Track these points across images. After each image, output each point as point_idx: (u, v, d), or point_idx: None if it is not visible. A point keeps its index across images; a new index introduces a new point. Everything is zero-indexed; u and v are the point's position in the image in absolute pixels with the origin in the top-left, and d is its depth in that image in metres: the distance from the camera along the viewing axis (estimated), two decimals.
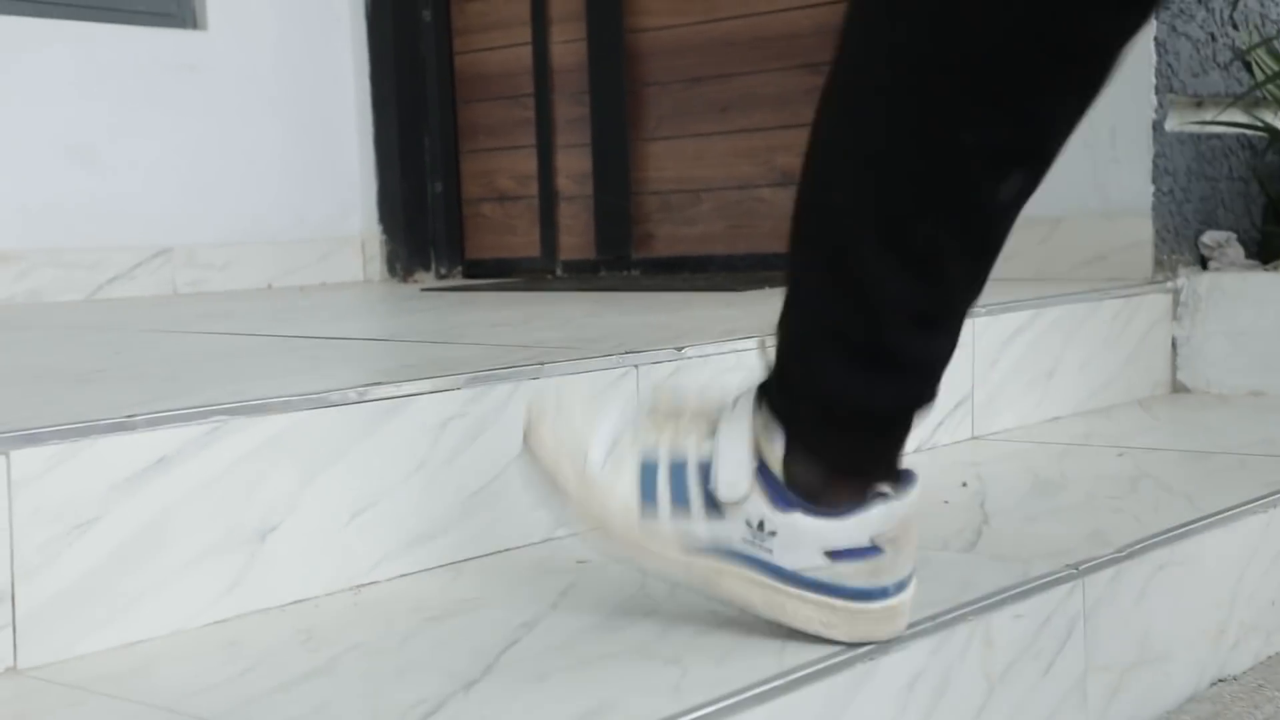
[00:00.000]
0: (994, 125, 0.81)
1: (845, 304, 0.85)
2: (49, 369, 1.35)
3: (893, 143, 0.82)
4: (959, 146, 0.81)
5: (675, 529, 0.91)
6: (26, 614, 0.91)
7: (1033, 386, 1.82)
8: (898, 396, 0.88)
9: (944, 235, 0.83)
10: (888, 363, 0.86)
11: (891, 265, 0.83)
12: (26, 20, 2.60)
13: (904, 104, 0.82)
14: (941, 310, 0.86)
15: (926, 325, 0.86)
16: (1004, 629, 1.00)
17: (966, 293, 0.87)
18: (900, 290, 0.84)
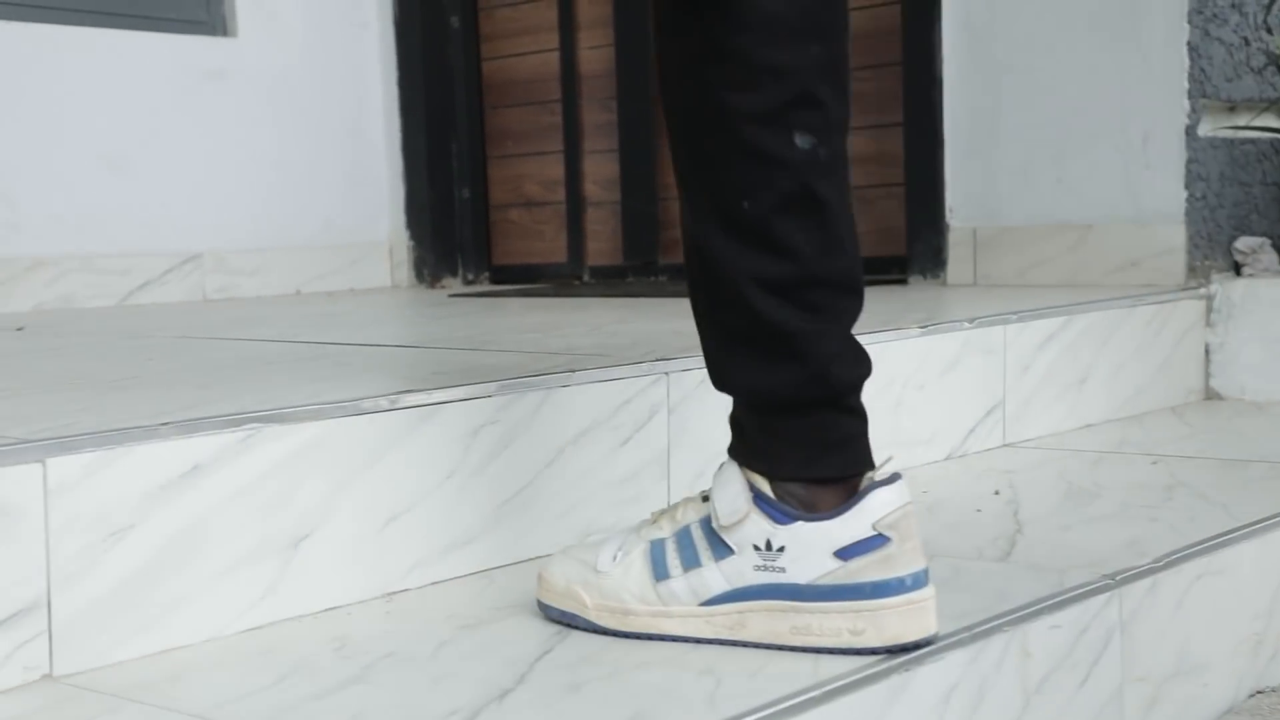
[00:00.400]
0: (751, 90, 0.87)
1: (726, 306, 0.90)
2: (83, 376, 1.35)
3: (690, 134, 0.89)
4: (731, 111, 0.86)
5: (690, 584, 0.93)
6: (62, 622, 0.91)
7: (1065, 394, 1.81)
8: (812, 374, 0.89)
9: (766, 203, 0.87)
10: (782, 345, 0.88)
11: (740, 248, 0.88)
12: (60, 29, 2.62)
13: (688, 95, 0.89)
14: (804, 279, 0.88)
15: (792, 296, 0.88)
16: (1040, 640, 0.99)
17: (825, 258, 0.88)
18: (756, 268, 0.87)
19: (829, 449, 0.90)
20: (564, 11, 3.00)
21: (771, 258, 0.87)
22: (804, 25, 0.86)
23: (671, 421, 1.33)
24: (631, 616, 0.95)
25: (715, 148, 0.88)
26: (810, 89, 0.87)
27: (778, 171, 0.87)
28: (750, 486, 0.91)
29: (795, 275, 0.88)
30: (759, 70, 0.85)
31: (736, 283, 0.88)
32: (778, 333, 0.88)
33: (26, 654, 0.90)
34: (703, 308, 0.93)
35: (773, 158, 0.86)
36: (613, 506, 1.27)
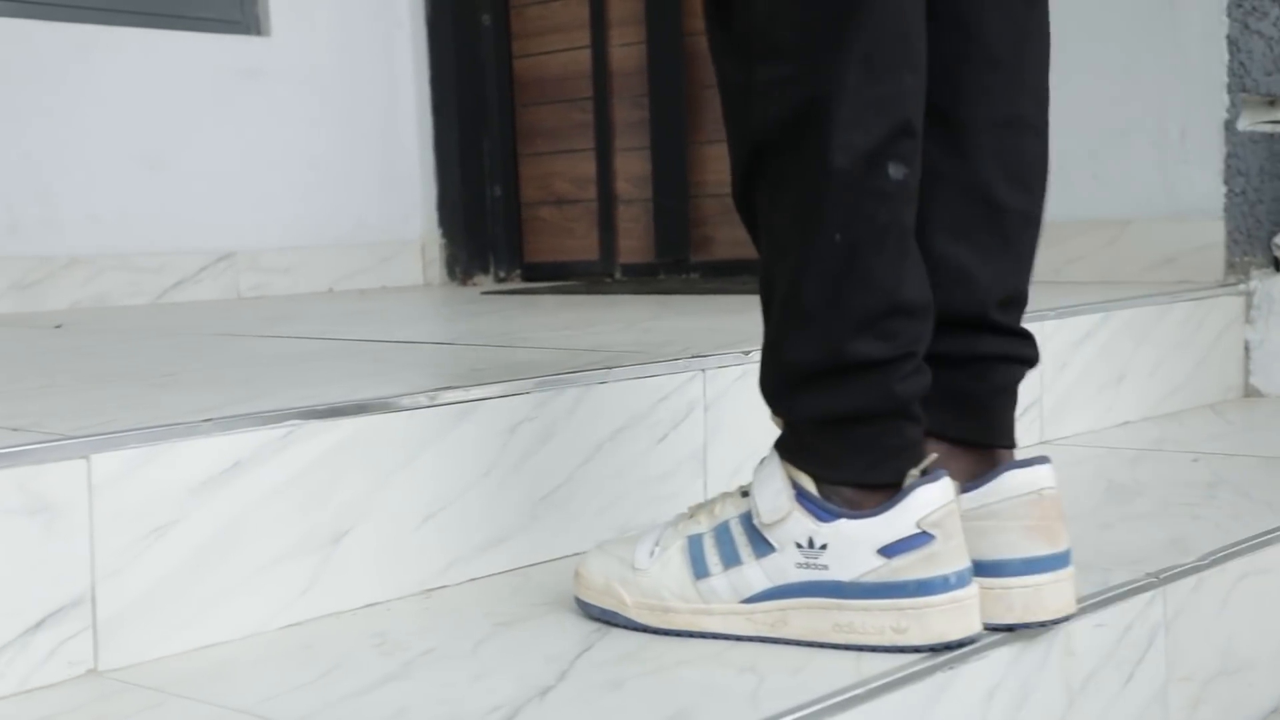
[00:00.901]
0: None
1: (805, 339, 0.88)
2: (123, 373, 1.36)
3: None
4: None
5: (730, 582, 0.93)
6: (107, 617, 0.92)
7: (1102, 391, 1.79)
8: (883, 394, 0.88)
9: (858, 235, 0.86)
10: (858, 375, 0.88)
11: (828, 282, 0.87)
12: (96, 28, 2.64)
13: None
14: (888, 309, 0.87)
15: (874, 327, 0.87)
16: (1084, 638, 0.98)
17: (905, 286, 0.88)
18: (842, 300, 0.87)
19: (889, 455, 0.89)
20: (595, 8, 2.99)
21: (859, 290, 0.86)
22: (900, 56, 0.86)
23: (708, 418, 1.32)
24: (672, 614, 0.95)
25: (813, 183, 0.86)
26: (909, 119, 0.86)
27: (874, 203, 0.86)
28: (793, 483, 0.91)
29: (880, 306, 0.87)
30: (867, 105, 0.84)
31: (819, 316, 0.87)
32: (857, 364, 0.87)
33: (72, 649, 0.90)
34: (775, 337, 0.91)
35: (871, 189, 0.85)
36: (650, 504, 1.27)
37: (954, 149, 0.95)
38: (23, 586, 0.88)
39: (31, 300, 2.55)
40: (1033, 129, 0.97)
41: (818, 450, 0.90)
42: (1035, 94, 0.98)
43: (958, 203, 0.95)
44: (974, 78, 0.95)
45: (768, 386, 0.93)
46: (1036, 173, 0.98)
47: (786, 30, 0.86)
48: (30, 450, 0.90)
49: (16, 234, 2.55)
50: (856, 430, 0.89)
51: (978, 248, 0.95)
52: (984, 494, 0.94)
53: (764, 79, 0.87)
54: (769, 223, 0.90)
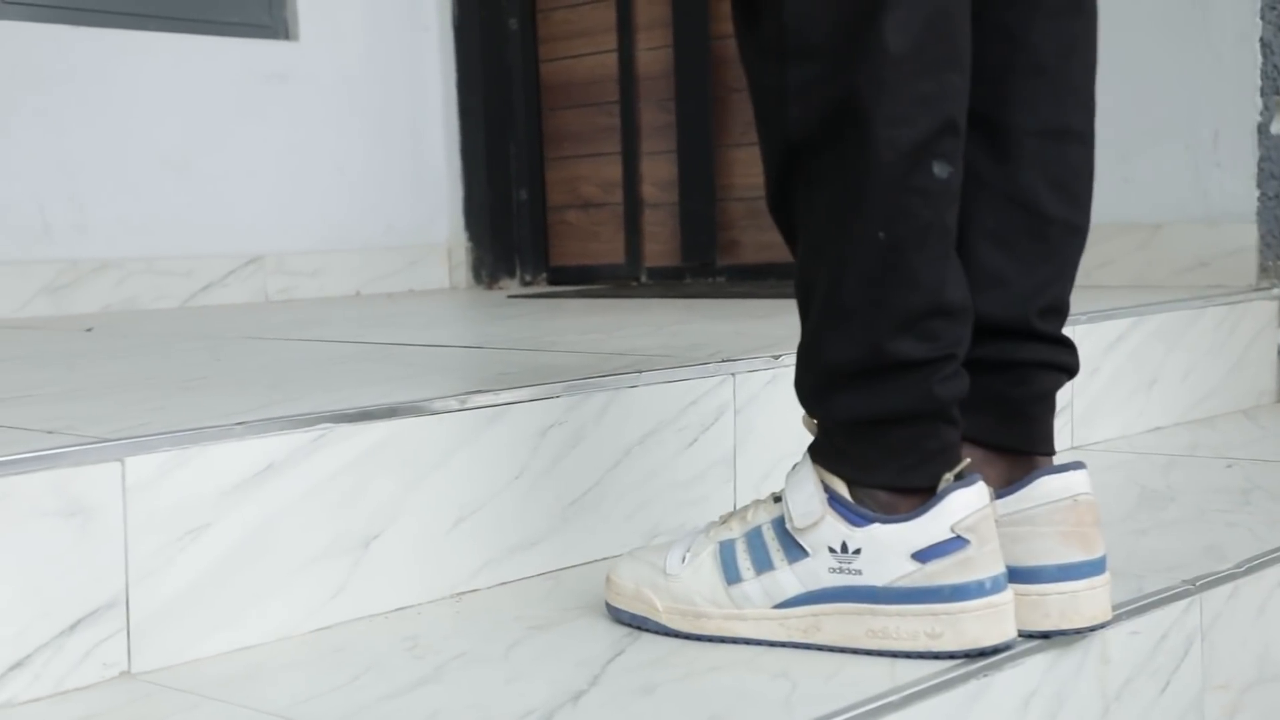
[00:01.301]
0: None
1: (843, 338, 0.88)
2: (154, 376, 1.37)
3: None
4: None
5: (763, 587, 0.92)
6: (140, 619, 0.92)
7: (1134, 396, 1.78)
8: (922, 395, 0.88)
9: (902, 234, 0.86)
10: (898, 375, 0.87)
11: (869, 280, 0.86)
12: (128, 33, 2.66)
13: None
14: (929, 310, 0.87)
15: (915, 327, 0.87)
16: (1120, 646, 0.97)
17: (947, 287, 0.88)
18: (884, 300, 0.86)
19: (925, 458, 0.88)
20: (622, 13, 3.00)
21: (901, 289, 0.86)
22: (945, 55, 0.85)
23: (738, 423, 1.32)
24: (704, 619, 0.95)
25: (854, 180, 0.85)
26: (954, 117, 0.86)
27: (917, 200, 0.85)
28: (825, 488, 0.90)
29: (922, 306, 0.86)
30: (911, 101, 0.84)
31: (859, 314, 0.86)
32: (897, 364, 0.86)
33: (105, 651, 0.91)
34: (814, 337, 0.90)
35: (914, 187, 0.85)
36: (679, 508, 1.27)
37: (999, 156, 0.95)
38: (58, 589, 0.89)
39: (63, 303, 2.57)
40: (1079, 138, 0.97)
41: (852, 453, 0.90)
42: (1082, 103, 0.97)
43: (1002, 210, 0.95)
44: (1021, 85, 0.94)
45: (804, 388, 0.92)
46: (1082, 182, 0.98)
47: (817, 29, 0.85)
48: (66, 453, 0.90)
49: (48, 237, 2.57)
50: (893, 432, 0.88)
51: (1021, 255, 0.95)
52: (1019, 499, 0.94)
53: (797, 78, 0.86)
54: (807, 223, 0.89)
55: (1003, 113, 0.95)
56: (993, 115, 0.94)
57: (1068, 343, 0.98)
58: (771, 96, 0.89)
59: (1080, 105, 0.97)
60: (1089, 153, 0.98)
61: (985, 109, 0.93)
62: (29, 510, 0.87)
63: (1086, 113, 0.98)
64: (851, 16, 0.84)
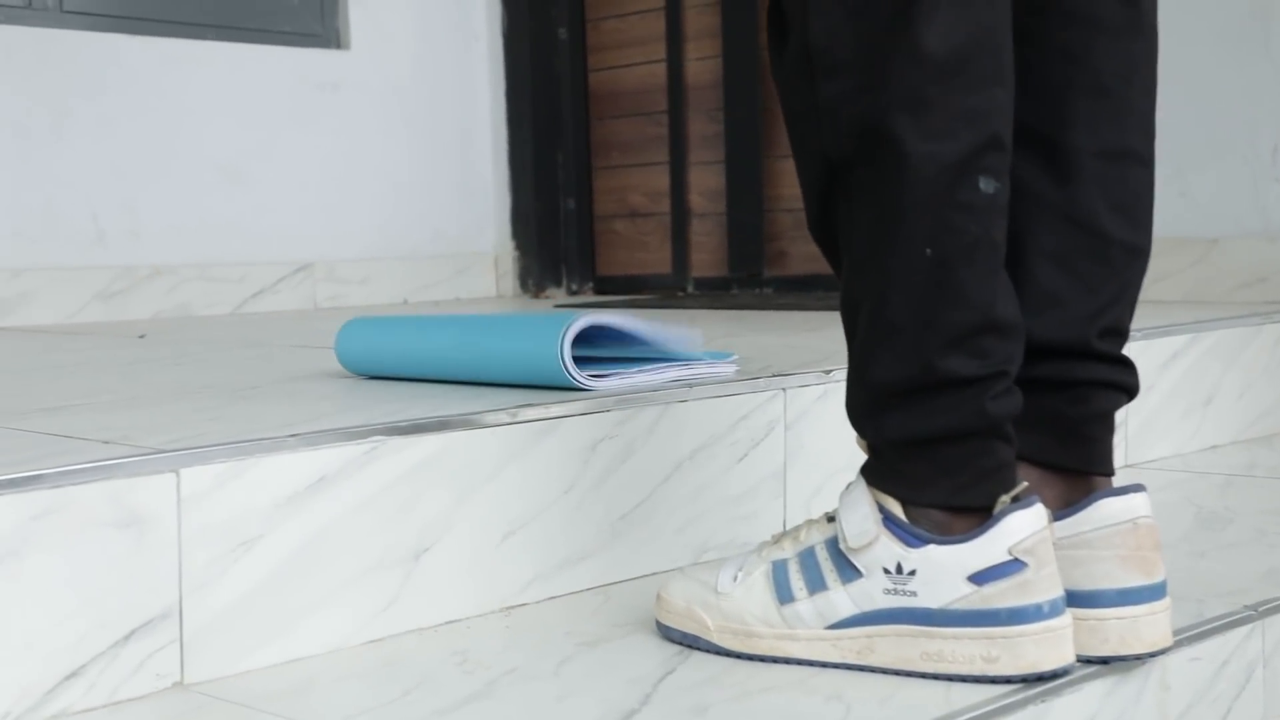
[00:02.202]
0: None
1: (893, 356, 0.87)
2: (208, 385, 1.38)
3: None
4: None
5: (816, 608, 0.91)
6: (193, 630, 0.93)
7: (1189, 414, 1.75)
8: (974, 411, 0.86)
9: (949, 250, 0.85)
10: (949, 393, 0.86)
11: (917, 297, 0.85)
12: (181, 42, 2.69)
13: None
14: (979, 326, 0.86)
15: (965, 344, 0.86)
16: (1180, 672, 0.96)
17: (997, 304, 0.87)
18: (933, 317, 0.85)
19: (980, 477, 0.87)
20: (672, 23, 2.99)
21: (951, 306, 0.85)
22: (990, 70, 0.85)
23: (788, 438, 1.31)
24: (755, 638, 0.94)
25: (894, 197, 0.85)
26: (999, 132, 0.85)
27: (963, 216, 0.84)
28: (880, 508, 0.89)
29: (973, 323, 0.85)
30: (952, 116, 0.83)
31: (908, 332, 0.86)
32: (948, 382, 0.85)
33: (159, 661, 0.91)
34: (862, 358, 0.89)
35: (960, 203, 0.84)
36: (729, 523, 1.26)
37: (1060, 177, 0.94)
38: (114, 599, 0.89)
39: (116, 309, 2.60)
40: (1139, 160, 0.95)
41: (905, 472, 0.88)
42: (1142, 125, 0.96)
43: (1062, 231, 0.94)
44: (1082, 106, 0.93)
45: (854, 409, 0.92)
46: (1143, 204, 0.96)
47: (844, 45, 0.85)
48: (122, 464, 0.90)
49: (103, 244, 2.60)
50: (946, 451, 0.87)
51: (1081, 277, 0.94)
52: (1077, 522, 0.92)
53: (828, 96, 0.86)
54: (850, 242, 0.89)
55: (1063, 133, 0.93)
56: (1053, 135, 0.93)
57: (1128, 363, 0.97)
58: (807, 117, 0.88)
59: (1140, 127, 0.96)
60: (1149, 175, 0.97)
61: (1046, 129, 0.92)
62: (86, 521, 0.88)
63: (1146, 135, 0.96)
64: (880, 32, 0.84)
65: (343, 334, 1.40)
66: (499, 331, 1.27)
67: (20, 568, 0.85)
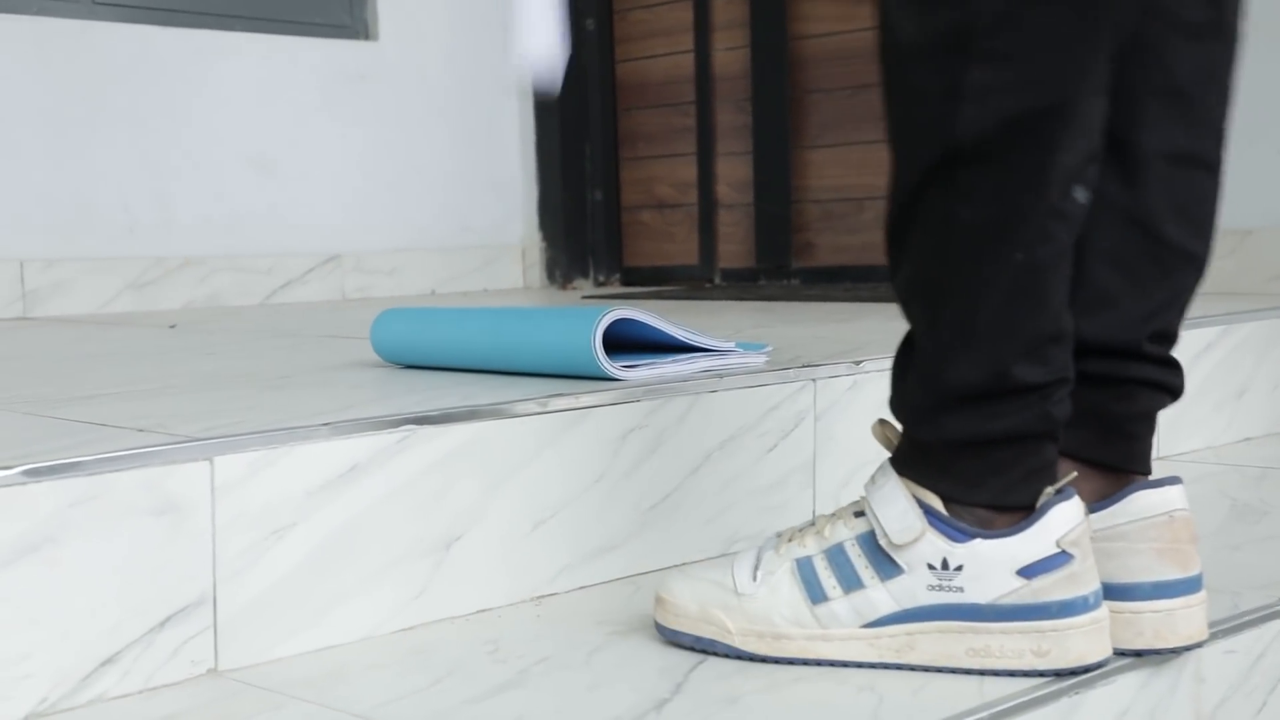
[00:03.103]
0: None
1: (968, 362, 0.85)
2: (240, 374, 1.38)
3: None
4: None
5: (853, 606, 0.89)
6: (227, 617, 0.93)
7: (1222, 406, 1.74)
8: (1037, 415, 0.86)
9: (1041, 257, 0.83)
10: (1017, 399, 0.85)
11: (1002, 302, 0.84)
12: (213, 34, 2.70)
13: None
14: (1052, 334, 0.85)
15: (1037, 351, 0.84)
16: (1215, 665, 0.95)
17: (1066, 312, 0.86)
18: (1015, 324, 0.84)
19: (1029, 477, 0.86)
20: (699, 13, 2.99)
21: (1033, 313, 0.84)
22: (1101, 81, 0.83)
23: (818, 429, 1.31)
24: (784, 640, 0.91)
25: (1015, 199, 0.82)
26: (1098, 145, 0.84)
27: (1057, 224, 0.83)
28: (919, 502, 0.88)
29: (1048, 330, 0.84)
30: (1082, 123, 0.82)
31: (989, 337, 0.84)
32: (1020, 388, 0.84)
33: (193, 648, 0.92)
34: (935, 357, 0.86)
35: (1056, 211, 0.83)
36: (758, 514, 1.26)
37: (1124, 178, 0.92)
38: (149, 586, 0.90)
39: (147, 300, 2.62)
40: (1208, 166, 0.93)
41: (955, 471, 0.87)
42: (1215, 132, 0.94)
43: (1121, 231, 0.92)
44: (1154, 107, 0.91)
45: (911, 407, 0.89)
46: (1207, 212, 0.94)
47: (1020, 33, 0.80)
48: (157, 451, 0.91)
49: (134, 235, 2.62)
50: (1000, 451, 0.86)
51: (1136, 278, 0.92)
52: (1112, 514, 0.92)
53: (979, 83, 0.81)
54: (942, 237, 0.84)
55: (1133, 134, 0.91)
56: (1123, 135, 0.91)
57: (1174, 364, 0.96)
58: (936, 98, 0.82)
59: (1213, 133, 0.93)
60: (1216, 182, 0.95)
61: (1116, 128, 0.90)
62: (123, 508, 0.89)
63: (1218, 141, 0.94)
64: (1063, 24, 0.79)
65: (378, 323, 1.41)
66: (531, 322, 1.28)
67: (58, 554, 0.86)
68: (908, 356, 0.90)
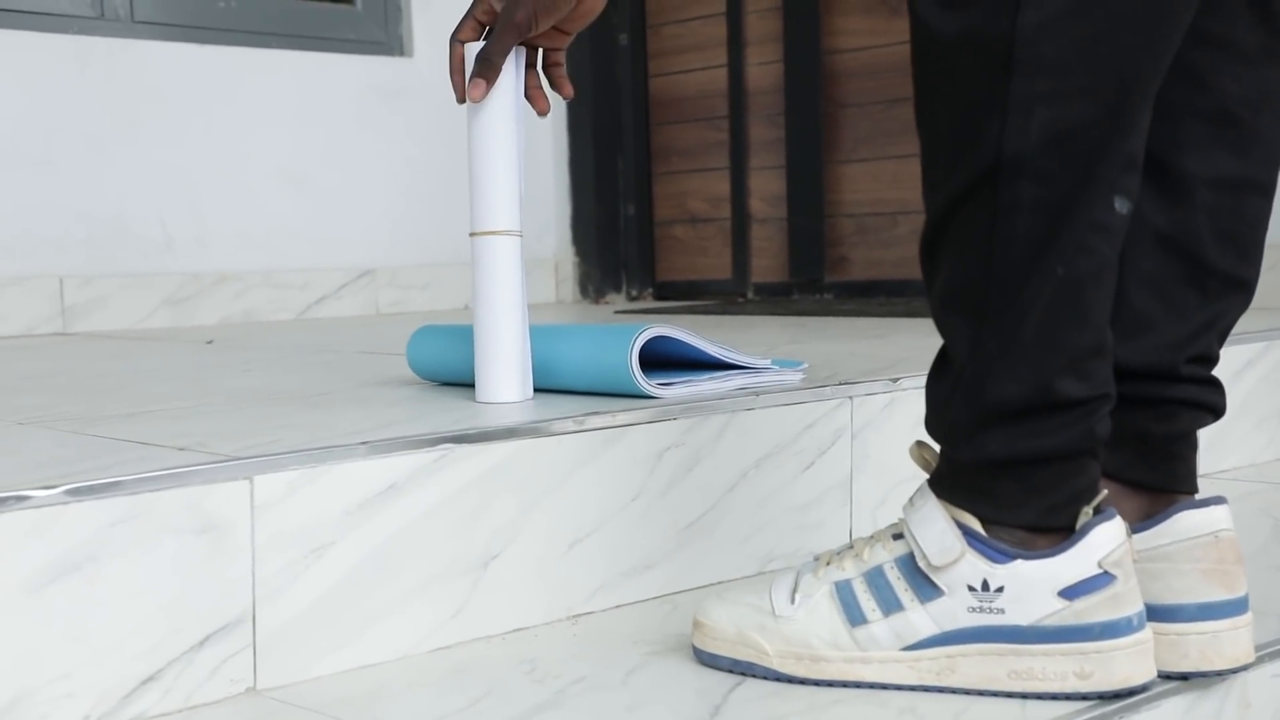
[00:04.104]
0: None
1: (1010, 376, 0.83)
2: (278, 392, 1.39)
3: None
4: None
5: (892, 629, 0.88)
6: (266, 636, 0.93)
7: (1264, 423, 1.72)
8: (1081, 433, 0.85)
9: (1082, 269, 0.82)
10: (1059, 414, 0.84)
11: (1043, 317, 0.82)
12: (248, 51, 2.72)
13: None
14: (1092, 348, 0.84)
15: (1078, 365, 0.83)
16: (1262, 688, 0.94)
17: (1107, 327, 0.85)
18: (1058, 338, 0.83)
19: (1071, 498, 0.85)
20: (733, 27, 2.99)
21: (1075, 327, 0.82)
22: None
23: (854, 447, 1.30)
24: (822, 663, 0.90)
25: (1058, 211, 0.81)
26: (1136, 152, 0.83)
27: (1097, 237, 0.81)
28: (957, 524, 0.88)
29: (1090, 345, 0.83)
30: (1129, 134, 0.81)
31: (1033, 351, 0.82)
32: (1063, 404, 0.83)
33: (233, 667, 0.92)
34: (976, 373, 0.85)
35: (1097, 223, 0.81)
36: (794, 533, 1.25)
37: (1168, 201, 0.91)
38: (189, 605, 0.90)
39: (183, 316, 2.64)
40: (1261, 190, 0.92)
41: (994, 492, 0.86)
42: (1270, 154, 0.92)
43: (1161, 255, 0.91)
44: (1201, 131, 0.90)
45: (950, 425, 0.87)
46: (1255, 236, 0.92)
47: (1062, 43, 0.78)
48: (198, 470, 0.92)
49: (171, 251, 2.64)
50: (1041, 471, 0.85)
51: (1174, 304, 0.91)
52: (1155, 535, 0.91)
53: (1023, 93, 0.79)
54: (982, 251, 0.83)
55: (1177, 157, 0.90)
56: (1166, 158, 0.90)
57: (1216, 383, 0.95)
58: (979, 109, 0.80)
59: (1267, 157, 0.91)
60: (1267, 205, 0.93)
61: (1159, 150, 0.89)
62: (163, 527, 0.89)
63: (1272, 166, 0.92)
64: (1109, 33, 0.78)
65: (413, 340, 1.41)
66: (567, 339, 1.28)
67: (99, 573, 0.86)
68: (944, 374, 0.88)
